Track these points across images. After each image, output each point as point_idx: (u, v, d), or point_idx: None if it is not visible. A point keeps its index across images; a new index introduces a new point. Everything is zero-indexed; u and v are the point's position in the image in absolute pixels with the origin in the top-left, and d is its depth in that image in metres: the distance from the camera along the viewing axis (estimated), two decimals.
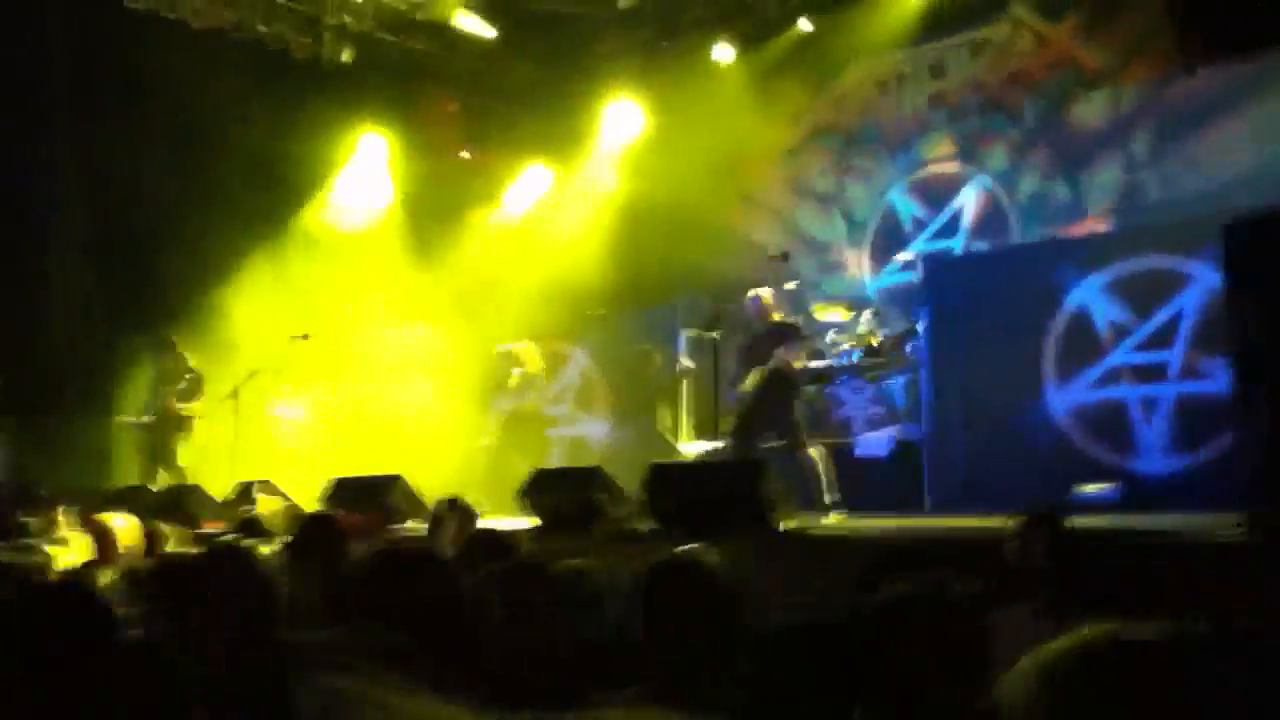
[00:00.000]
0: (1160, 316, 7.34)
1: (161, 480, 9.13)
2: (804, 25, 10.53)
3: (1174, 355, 7.26)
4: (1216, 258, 6.52)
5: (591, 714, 1.96)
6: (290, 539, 3.82)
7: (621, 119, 11.59)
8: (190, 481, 8.67)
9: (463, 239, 11.64)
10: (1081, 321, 7.57)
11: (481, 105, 12.15)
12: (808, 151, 11.21)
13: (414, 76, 11.64)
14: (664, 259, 11.22)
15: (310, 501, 7.54)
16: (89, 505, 5.91)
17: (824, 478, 6.90)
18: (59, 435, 9.08)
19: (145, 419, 9.51)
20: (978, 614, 3.87)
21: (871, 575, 2.70)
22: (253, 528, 4.82)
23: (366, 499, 6.88)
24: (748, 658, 2.43)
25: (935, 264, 9.26)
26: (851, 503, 7.10)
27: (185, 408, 9.30)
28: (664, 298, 10.46)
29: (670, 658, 2.37)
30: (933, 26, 10.24)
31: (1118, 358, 7.46)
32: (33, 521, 5.48)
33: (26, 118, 9.44)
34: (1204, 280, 7.15)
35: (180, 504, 7.38)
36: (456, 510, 5.37)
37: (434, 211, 11.64)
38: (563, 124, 11.83)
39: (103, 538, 4.32)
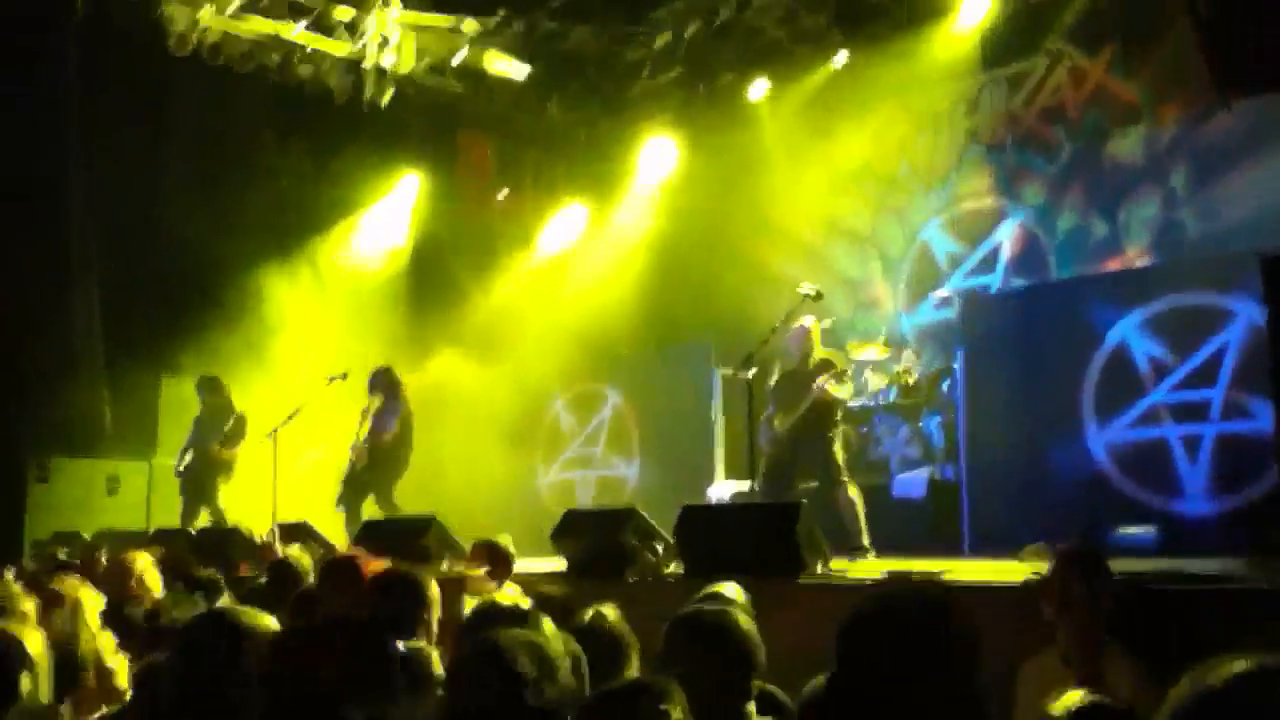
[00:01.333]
0: (1202, 353, 7.21)
1: (201, 521, 9.19)
2: (839, 61, 10.51)
3: (1216, 393, 7.13)
4: (1259, 292, 6.43)
5: None
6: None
7: (656, 157, 11.67)
8: (229, 523, 8.73)
9: (498, 279, 11.73)
10: (1121, 359, 7.46)
11: (516, 147, 12.27)
12: (842, 188, 11.19)
13: (450, 119, 11.78)
14: (698, 297, 11.24)
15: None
16: (128, 546, 5.98)
17: (861, 519, 6.81)
18: (98, 477, 9.19)
19: (187, 460, 9.57)
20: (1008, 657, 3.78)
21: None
22: (284, 572, 4.85)
23: (400, 541, 6.87)
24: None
25: (972, 301, 9.19)
26: (888, 544, 7.00)
27: (228, 452, 9.37)
28: (697, 336, 10.45)
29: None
30: (969, 61, 10.23)
31: (1158, 396, 7.33)
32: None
33: (52, 154, 9.62)
34: (1247, 315, 7.03)
35: (218, 546, 7.44)
36: (491, 553, 5.38)
37: (470, 252, 11.75)
38: (598, 163, 11.93)
39: (125, 577, 4.39)
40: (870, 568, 6.42)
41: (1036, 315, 8.06)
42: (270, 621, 2.42)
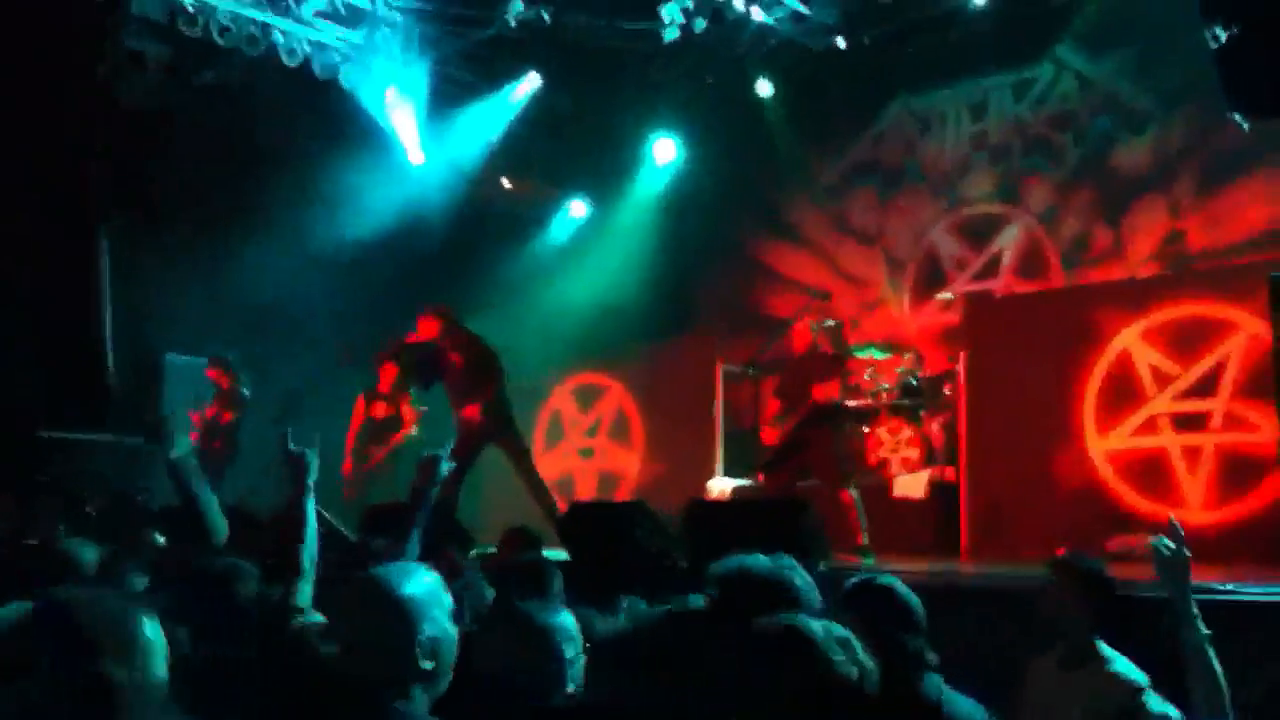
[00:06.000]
0: (1204, 364, 7.28)
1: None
2: (846, 63, 10.50)
3: (1217, 404, 7.20)
4: (1262, 306, 6.50)
5: None
6: None
7: (662, 152, 11.68)
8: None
9: (499, 269, 11.70)
10: (1123, 367, 7.52)
11: (522, 134, 12.24)
12: (848, 189, 11.23)
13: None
14: (703, 292, 11.27)
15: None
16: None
17: (862, 519, 6.87)
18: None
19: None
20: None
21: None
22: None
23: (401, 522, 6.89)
24: None
25: (976, 305, 9.25)
26: (886, 545, 7.06)
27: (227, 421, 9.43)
28: (702, 331, 10.49)
29: None
30: (975, 66, 10.26)
31: (1159, 405, 7.40)
32: None
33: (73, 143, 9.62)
34: (1249, 328, 7.09)
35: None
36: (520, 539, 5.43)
37: (472, 239, 11.73)
38: (604, 156, 11.93)
39: None
40: (869, 568, 6.49)
41: (1040, 321, 8.12)
42: None
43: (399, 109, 11.28)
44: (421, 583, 2.23)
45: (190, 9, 9.54)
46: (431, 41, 10.90)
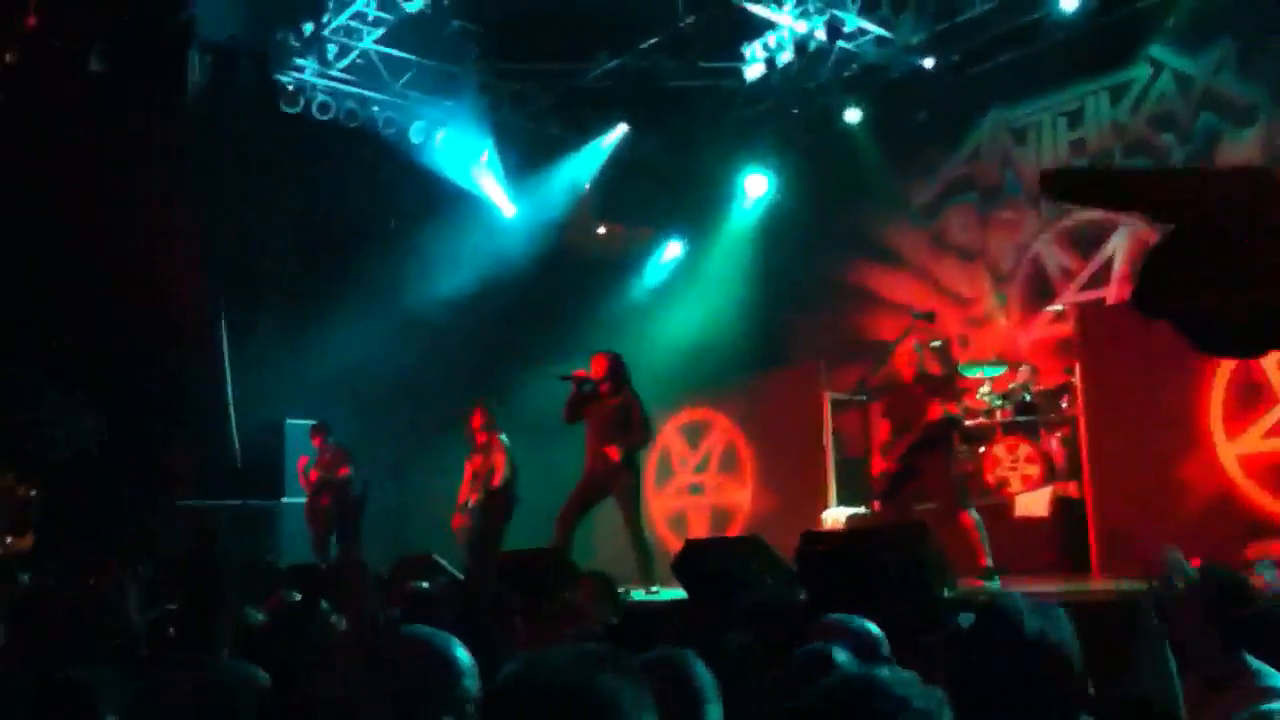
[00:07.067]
0: None
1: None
2: (933, 82, 10.44)
3: None
4: None
5: None
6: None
7: (754, 187, 11.71)
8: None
9: (598, 312, 11.82)
10: (1248, 368, 7.22)
11: (614, 179, 12.42)
12: (945, 207, 11.09)
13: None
14: (806, 321, 11.22)
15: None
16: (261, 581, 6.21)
17: (984, 541, 6.71)
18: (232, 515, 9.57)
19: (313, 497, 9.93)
20: None
21: None
22: (422, 605, 4.96)
23: (524, 572, 6.99)
24: None
25: (1088, 314, 9.01)
26: (1013, 565, 6.89)
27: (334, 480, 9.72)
28: (807, 360, 10.42)
29: None
30: (1068, 73, 10.07)
31: None
32: None
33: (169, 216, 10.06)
34: None
35: (346, 580, 7.65)
36: (596, 583, 5.46)
37: (569, 286, 11.90)
38: (695, 195, 12.02)
39: None
40: (994, 591, 6.33)
41: (1157, 326, 7.84)
42: None
43: (491, 167, 11.58)
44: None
45: (290, 88, 10.00)
46: (520, 98, 11.19)
